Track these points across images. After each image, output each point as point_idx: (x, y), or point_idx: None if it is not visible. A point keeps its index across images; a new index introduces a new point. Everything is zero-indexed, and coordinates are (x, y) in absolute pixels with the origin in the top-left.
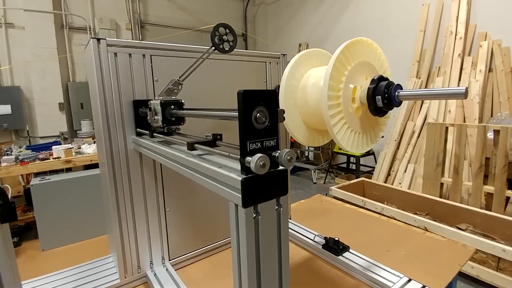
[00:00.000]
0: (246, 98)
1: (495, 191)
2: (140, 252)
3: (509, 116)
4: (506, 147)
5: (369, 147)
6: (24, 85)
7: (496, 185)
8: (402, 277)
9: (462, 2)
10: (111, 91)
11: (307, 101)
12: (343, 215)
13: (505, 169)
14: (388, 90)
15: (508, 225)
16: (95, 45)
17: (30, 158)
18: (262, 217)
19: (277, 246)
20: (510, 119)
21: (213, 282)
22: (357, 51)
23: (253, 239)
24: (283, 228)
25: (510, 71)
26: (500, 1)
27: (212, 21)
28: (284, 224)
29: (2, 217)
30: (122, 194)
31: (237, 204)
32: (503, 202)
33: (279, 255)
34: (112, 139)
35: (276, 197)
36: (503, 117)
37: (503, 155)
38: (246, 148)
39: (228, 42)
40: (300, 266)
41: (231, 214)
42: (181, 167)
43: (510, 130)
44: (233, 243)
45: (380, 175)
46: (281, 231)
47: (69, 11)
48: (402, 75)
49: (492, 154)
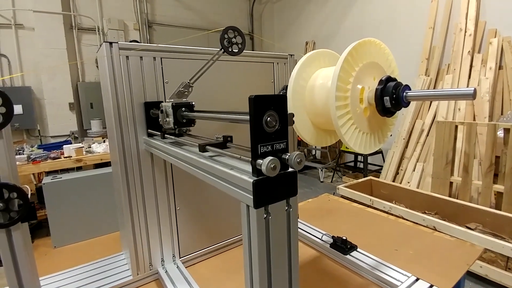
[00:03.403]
0: (257, 103)
1: (505, 190)
2: (151, 250)
3: None
4: None
5: (377, 147)
6: (35, 86)
7: (506, 184)
8: (410, 276)
9: None
10: (123, 93)
11: (315, 101)
12: (351, 214)
13: None
14: (396, 90)
15: None
16: (108, 49)
17: (42, 157)
18: (272, 218)
19: (287, 246)
20: None
21: (223, 279)
22: (364, 51)
23: (264, 238)
24: (292, 228)
25: None
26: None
27: (218, 20)
28: (294, 224)
29: (22, 217)
30: (134, 193)
31: (249, 205)
32: None
33: (289, 254)
34: (124, 140)
35: (286, 198)
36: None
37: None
38: (257, 151)
39: (237, 44)
40: (308, 264)
41: (243, 214)
42: (193, 168)
43: None
44: (244, 242)
45: (388, 174)
46: (290, 231)
47: (77, 12)
48: (411, 72)
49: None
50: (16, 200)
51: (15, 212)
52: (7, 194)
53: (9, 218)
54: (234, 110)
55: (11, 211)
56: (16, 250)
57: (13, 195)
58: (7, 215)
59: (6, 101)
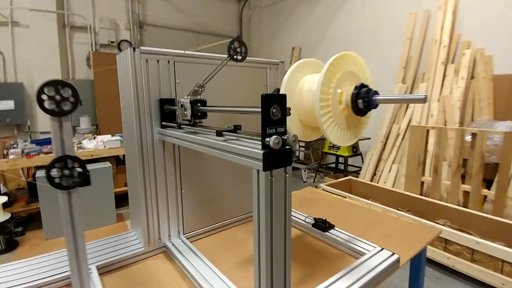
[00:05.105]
0: (267, 99)
1: (472, 190)
2: (160, 226)
3: (488, 121)
4: (482, 149)
5: (353, 141)
6: (27, 82)
7: (472, 184)
8: (376, 247)
9: (448, 12)
10: (142, 90)
11: (303, 102)
12: (331, 203)
13: (481, 169)
14: (368, 95)
15: (483, 222)
16: (132, 53)
17: (35, 152)
18: (275, 179)
19: (284, 200)
20: (489, 123)
21: (221, 252)
22: (344, 62)
23: (269, 194)
24: (288, 188)
25: (491, 78)
26: (485, 11)
27: (208, 23)
28: (289, 185)
29: (80, 183)
30: (148, 177)
31: (259, 170)
32: (480, 200)
33: (285, 205)
34: (142, 131)
35: (284, 166)
36: (482, 122)
37: (479, 157)
38: (266, 132)
39: (240, 53)
40: (294, 241)
41: (254, 178)
42: (211, 149)
43: (487, 133)
44: (254, 197)
45: (366, 174)
46: (286, 190)
47: (71, 10)
48: (390, 79)
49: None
50: (77, 169)
51: (76, 178)
52: (71, 164)
53: (71, 182)
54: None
55: (73, 177)
56: (73, 208)
57: (75, 165)
58: (70, 180)
59: (74, 93)
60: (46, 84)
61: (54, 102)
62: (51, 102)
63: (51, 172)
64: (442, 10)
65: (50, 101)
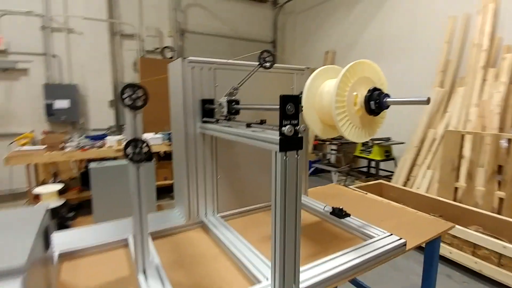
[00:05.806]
0: (284, 99)
1: (506, 196)
2: (199, 206)
3: None
4: None
5: (367, 139)
6: (81, 84)
7: (507, 191)
8: (385, 232)
9: (488, 15)
10: (189, 92)
11: (322, 104)
12: (351, 198)
13: None
14: (379, 97)
15: None
16: (181, 62)
17: (89, 146)
18: (288, 159)
19: (295, 177)
20: None
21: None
22: (359, 69)
23: (284, 171)
24: (299, 167)
25: None
26: None
27: (244, 29)
28: (300, 165)
29: (146, 158)
30: (191, 164)
31: (276, 151)
32: None
33: (296, 181)
34: (188, 126)
35: (296, 149)
36: None
37: None
38: (282, 123)
39: (269, 62)
40: (313, 226)
41: (273, 158)
42: (242, 138)
43: None
44: (273, 173)
45: (399, 179)
46: (297, 169)
47: (120, 19)
48: (427, 83)
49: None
50: (144, 149)
51: (143, 154)
52: (140, 144)
53: (140, 157)
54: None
55: (141, 153)
56: (140, 180)
57: (143, 145)
58: (139, 156)
59: (144, 92)
60: (126, 86)
61: (131, 99)
62: (129, 99)
63: (127, 150)
64: (482, 13)
65: (128, 98)
